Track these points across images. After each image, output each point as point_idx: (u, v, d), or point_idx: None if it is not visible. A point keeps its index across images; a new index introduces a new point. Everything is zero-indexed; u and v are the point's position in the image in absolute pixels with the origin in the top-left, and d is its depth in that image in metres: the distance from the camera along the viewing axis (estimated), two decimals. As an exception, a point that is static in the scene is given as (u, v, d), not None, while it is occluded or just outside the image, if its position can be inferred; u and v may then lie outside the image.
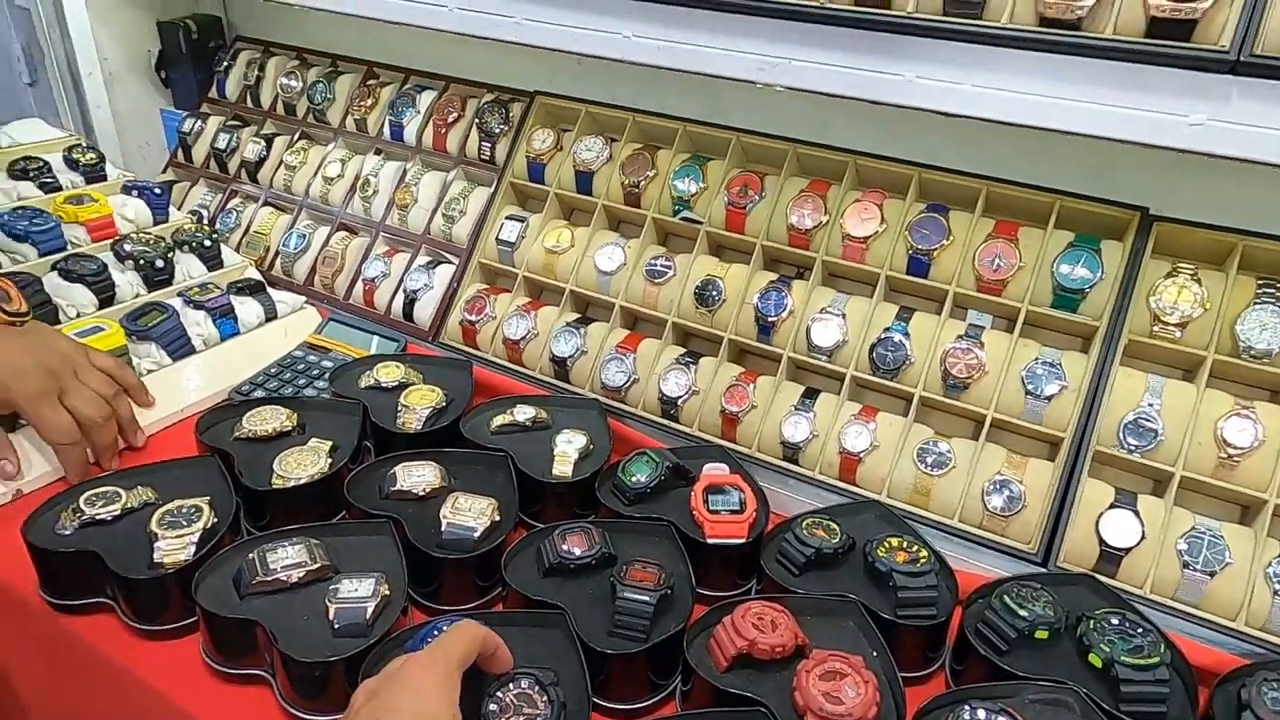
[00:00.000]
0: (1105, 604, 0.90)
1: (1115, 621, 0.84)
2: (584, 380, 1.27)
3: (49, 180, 1.41)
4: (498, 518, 0.95)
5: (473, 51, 1.37)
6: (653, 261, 1.29)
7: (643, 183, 1.32)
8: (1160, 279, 1.05)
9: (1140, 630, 0.83)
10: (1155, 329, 1.04)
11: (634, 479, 1.04)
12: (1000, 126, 0.91)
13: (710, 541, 0.96)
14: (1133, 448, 1.01)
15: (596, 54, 1.09)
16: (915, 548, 0.95)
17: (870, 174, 1.23)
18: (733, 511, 0.99)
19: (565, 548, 0.91)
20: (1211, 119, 0.79)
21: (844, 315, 1.17)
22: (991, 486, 1.04)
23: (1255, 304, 1.00)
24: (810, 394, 1.17)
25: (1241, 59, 0.75)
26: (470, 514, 0.94)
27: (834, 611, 0.88)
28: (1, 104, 2.39)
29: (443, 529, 0.93)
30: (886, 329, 1.14)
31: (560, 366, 1.28)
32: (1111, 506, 0.99)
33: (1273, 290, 1.00)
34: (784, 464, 1.14)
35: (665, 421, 1.21)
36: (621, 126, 1.38)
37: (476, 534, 0.92)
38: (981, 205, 1.15)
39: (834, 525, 0.99)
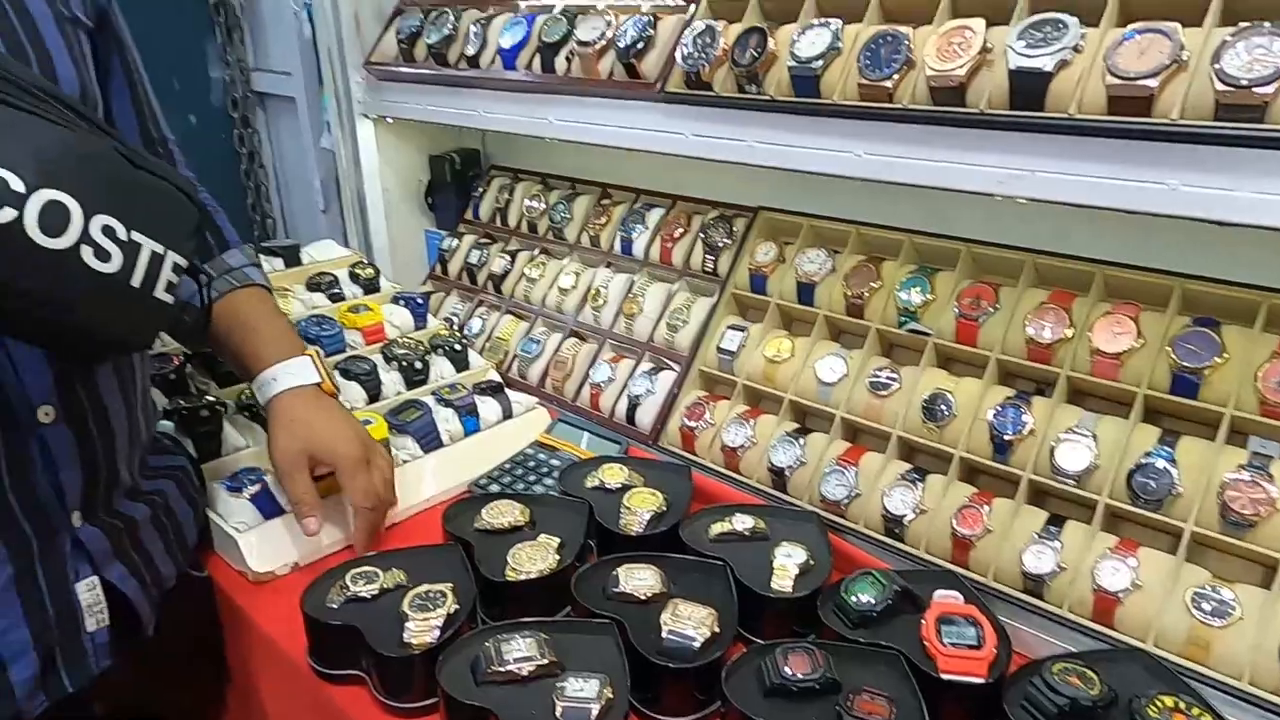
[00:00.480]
0: None
1: None
2: (802, 492, 1.25)
3: (336, 292, 1.64)
4: (717, 629, 0.94)
5: (699, 172, 1.45)
6: (876, 373, 1.26)
7: (866, 294, 1.31)
8: None
9: None
10: None
11: (859, 600, 0.99)
12: (1285, 235, 0.82)
13: (944, 677, 0.89)
14: None
15: (828, 172, 1.12)
16: (1197, 711, 0.82)
17: (1121, 285, 1.15)
18: (970, 646, 0.91)
19: (788, 669, 0.88)
20: None
21: (1094, 436, 1.07)
22: (1294, 645, 0.89)
23: None
24: (1055, 521, 1.07)
25: None
26: (691, 623, 0.94)
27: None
28: (302, 225, 2.85)
29: (663, 635, 0.93)
30: (1147, 454, 1.03)
31: (778, 476, 1.27)
32: None
33: None
34: (1026, 597, 1.04)
35: (889, 540, 1.16)
36: (844, 239, 1.39)
37: (697, 644, 0.92)
38: (1263, 320, 1.03)
39: (1092, 674, 0.88)
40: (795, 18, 1.16)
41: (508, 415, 1.51)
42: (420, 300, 1.66)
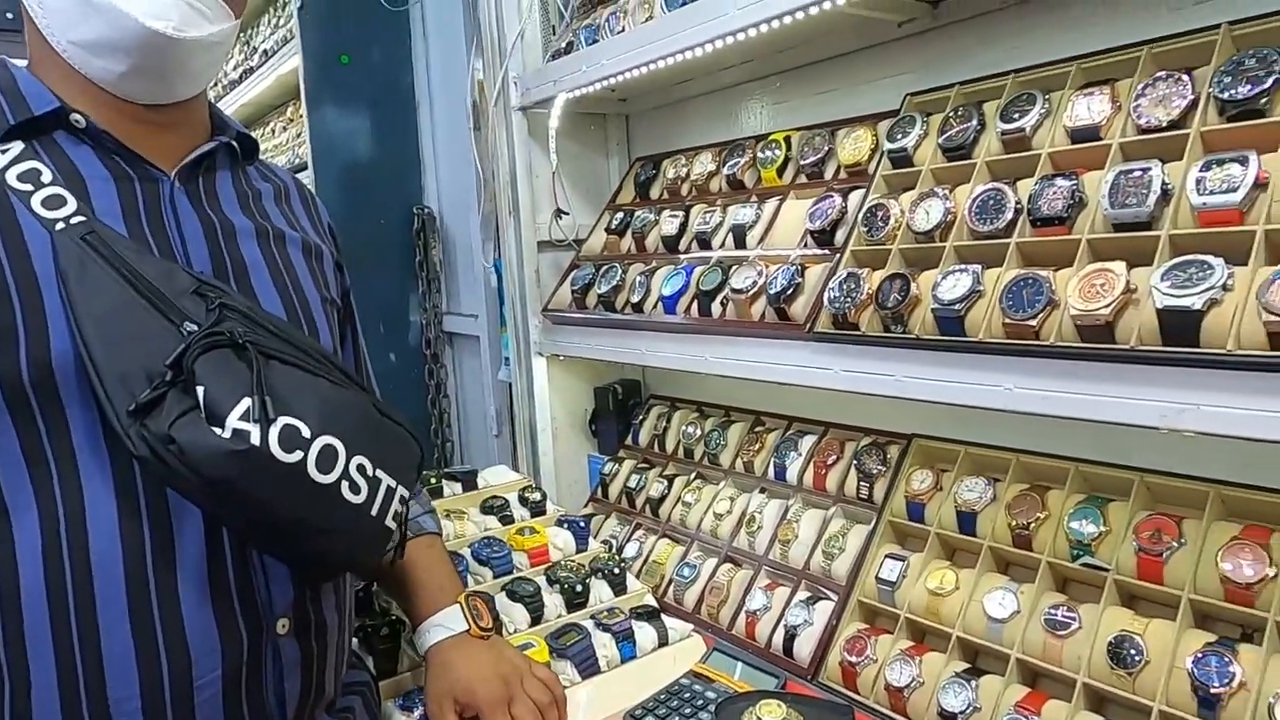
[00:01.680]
0: None
1: None
2: (979, 742, 1.16)
3: (506, 515, 1.76)
4: None
5: (851, 402, 1.50)
6: (1052, 611, 1.19)
7: (1032, 524, 1.27)
8: None
9: None
10: None
11: None
12: None
13: None
14: None
15: (976, 405, 1.14)
16: None
17: (1322, 519, 1.06)
18: None
19: None
20: None
21: (1321, 694, 0.95)
22: None
23: None
24: (1289, 796, 0.93)
25: None
26: None
27: None
28: (476, 451, 3.10)
29: None
30: (1391, 718, 0.90)
31: (949, 722, 1.18)
32: None
33: None
34: None
35: (1085, 807, 1.04)
36: (1004, 466, 1.37)
37: None
38: None
39: None
40: (936, 264, 1.25)
41: (664, 642, 1.51)
42: (582, 523, 1.74)
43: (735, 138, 1.86)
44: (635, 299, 1.78)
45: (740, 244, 1.65)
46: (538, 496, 1.82)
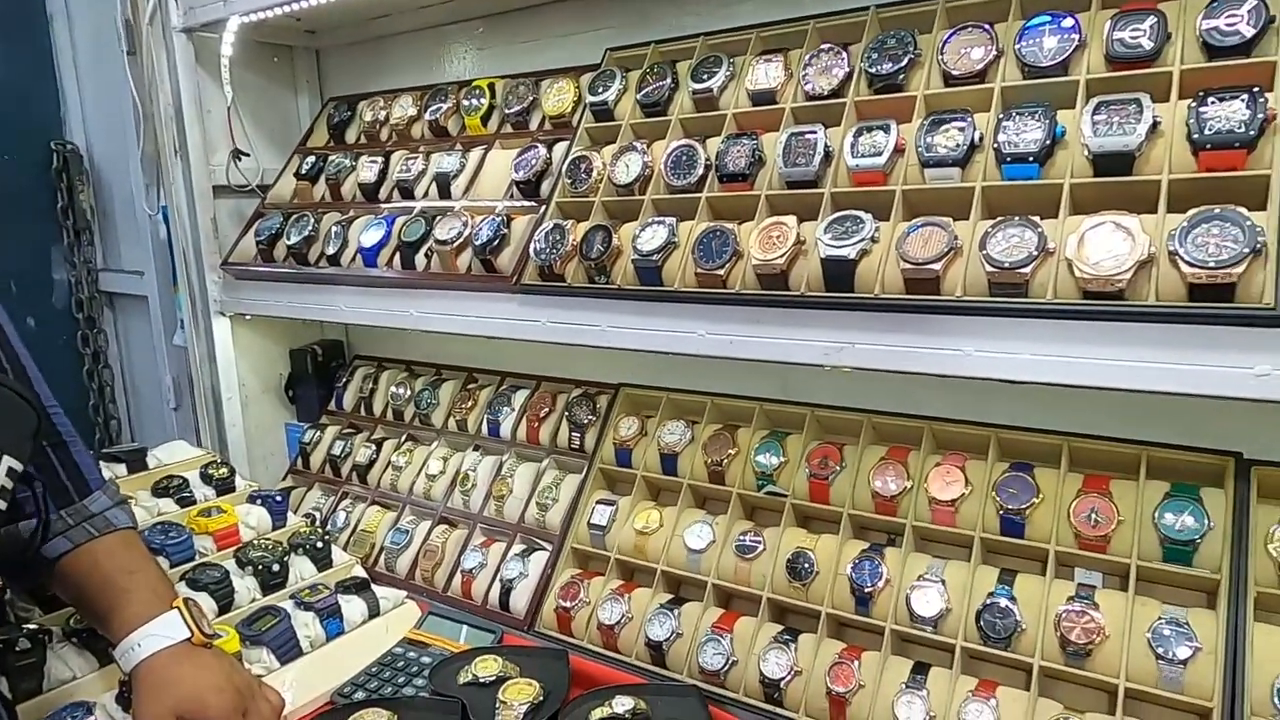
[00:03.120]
0: None
1: None
2: (681, 664, 1.24)
3: (186, 495, 1.55)
4: (602, 826, 0.90)
5: (561, 354, 1.52)
6: (741, 537, 1.31)
7: (725, 461, 1.38)
8: (1275, 525, 1.01)
9: None
10: (1283, 579, 0.99)
11: (743, 775, 0.98)
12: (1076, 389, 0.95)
13: None
14: (1295, 717, 0.91)
15: (675, 351, 1.20)
16: None
17: (949, 438, 1.27)
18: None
19: None
20: (1276, 370, 0.81)
21: (943, 581, 1.14)
22: (1142, 769, 0.94)
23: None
24: (920, 669, 1.11)
25: (1285, 312, 0.80)
26: (573, 823, 0.89)
27: None
28: (149, 425, 2.71)
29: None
30: (991, 594, 1.11)
31: (656, 651, 1.26)
32: (1289, 790, 0.88)
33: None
34: (904, 751, 1.06)
35: (769, 707, 1.16)
36: (701, 410, 1.47)
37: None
38: (1066, 461, 1.16)
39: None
40: (635, 217, 1.29)
41: (375, 613, 1.44)
42: (279, 498, 1.59)
43: (437, 82, 1.77)
44: (331, 251, 1.63)
45: (445, 194, 1.58)
46: (224, 472, 1.63)
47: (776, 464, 1.34)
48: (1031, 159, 0.99)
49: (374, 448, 1.80)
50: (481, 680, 1.19)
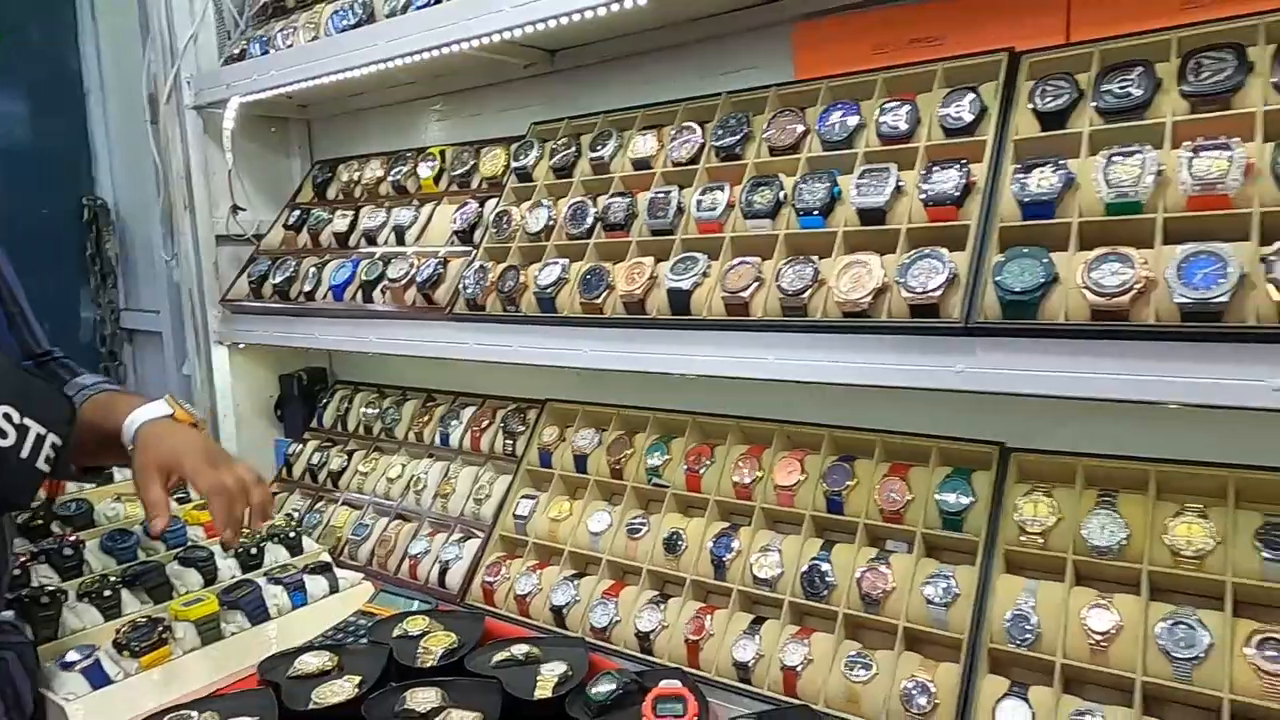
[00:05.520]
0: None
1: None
2: (577, 625, 1.51)
3: (184, 495, 1.85)
4: (483, 726, 1.17)
5: (501, 376, 1.81)
6: (632, 521, 1.58)
7: (623, 460, 1.66)
8: (1020, 498, 1.27)
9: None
10: (1023, 539, 1.25)
11: (598, 692, 1.24)
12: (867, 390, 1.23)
13: (654, 739, 1.14)
14: (1019, 642, 1.16)
15: (565, 365, 1.50)
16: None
17: (798, 437, 1.54)
18: (676, 716, 1.18)
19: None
20: (968, 369, 1.09)
21: (780, 551, 1.41)
22: (914, 688, 1.20)
23: (1096, 509, 1.21)
24: (758, 621, 1.37)
25: (970, 324, 1.08)
26: (459, 724, 1.16)
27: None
28: (160, 448, 3.01)
29: (435, 735, 1.15)
30: (814, 559, 1.37)
31: (558, 614, 1.53)
32: (1005, 696, 1.13)
33: (1109, 499, 1.22)
34: (737, 684, 1.32)
35: (641, 655, 1.42)
36: (608, 419, 1.75)
37: (461, 738, 1.14)
38: (879, 453, 1.43)
39: (759, 723, 1.15)
40: (540, 258, 1.60)
41: (334, 589, 1.72)
42: (261, 497, 1.89)
43: (402, 148, 2.10)
44: (308, 288, 1.96)
45: (400, 240, 1.90)
46: (216, 476, 1.92)
47: (662, 461, 1.62)
48: (817, 212, 1.29)
49: (346, 458, 2.09)
50: (410, 634, 1.47)
